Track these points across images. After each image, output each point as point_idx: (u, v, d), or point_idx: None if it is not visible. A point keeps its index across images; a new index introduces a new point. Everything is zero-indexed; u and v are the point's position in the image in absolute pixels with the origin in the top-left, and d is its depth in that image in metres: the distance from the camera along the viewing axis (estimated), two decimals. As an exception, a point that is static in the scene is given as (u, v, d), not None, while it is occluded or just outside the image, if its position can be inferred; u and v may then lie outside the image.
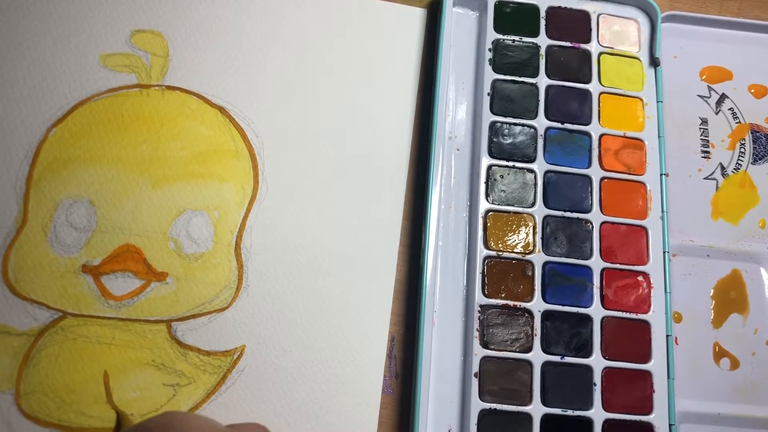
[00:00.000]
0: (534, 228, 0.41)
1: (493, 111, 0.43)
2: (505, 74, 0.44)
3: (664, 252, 0.41)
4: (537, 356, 0.38)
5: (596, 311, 0.40)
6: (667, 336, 0.40)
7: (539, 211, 0.41)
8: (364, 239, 0.41)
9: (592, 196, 0.42)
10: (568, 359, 0.39)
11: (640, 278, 0.41)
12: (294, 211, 0.41)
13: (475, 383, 0.37)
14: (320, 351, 0.38)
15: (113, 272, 0.38)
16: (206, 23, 0.44)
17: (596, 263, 0.41)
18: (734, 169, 0.45)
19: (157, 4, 0.44)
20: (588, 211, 0.42)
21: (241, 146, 0.42)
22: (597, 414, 0.38)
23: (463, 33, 0.45)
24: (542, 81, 0.44)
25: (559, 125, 0.43)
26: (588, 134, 0.43)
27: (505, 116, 0.43)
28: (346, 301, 0.40)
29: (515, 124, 0.43)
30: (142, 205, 0.40)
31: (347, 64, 0.44)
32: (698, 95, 0.46)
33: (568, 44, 0.45)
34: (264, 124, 0.42)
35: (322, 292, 0.40)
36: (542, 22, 0.45)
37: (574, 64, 0.45)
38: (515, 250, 0.40)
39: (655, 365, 0.39)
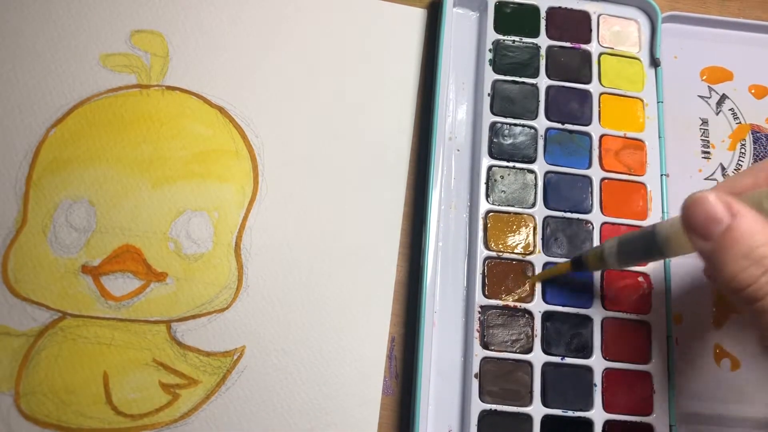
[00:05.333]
0: (534, 228, 0.41)
1: (493, 111, 0.43)
2: (505, 75, 0.44)
3: (665, 253, 0.41)
4: (537, 357, 0.38)
5: (596, 312, 0.40)
6: (668, 337, 0.39)
7: (539, 211, 0.41)
8: (364, 240, 0.41)
9: (592, 196, 0.42)
10: (569, 360, 0.38)
11: (640, 279, 0.41)
12: (294, 212, 0.41)
13: (475, 384, 0.37)
14: (320, 352, 0.38)
15: (113, 272, 0.38)
16: (206, 23, 0.44)
17: (596, 264, 0.41)
18: (735, 169, 0.44)
19: (157, 4, 0.44)
20: (588, 211, 0.42)
21: (241, 146, 0.42)
22: (597, 415, 0.38)
23: (464, 33, 0.45)
24: (542, 81, 0.44)
25: (559, 126, 0.43)
26: (588, 135, 0.43)
27: (506, 117, 0.43)
28: (346, 301, 0.39)
29: (515, 125, 0.43)
30: (141, 206, 0.39)
31: (347, 64, 0.44)
32: (699, 96, 0.46)
33: (568, 45, 0.45)
34: (264, 124, 0.42)
35: (322, 293, 0.39)
36: (542, 23, 0.45)
37: (574, 65, 0.45)
38: (515, 251, 0.40)
39: (656, 366, 0.39)
